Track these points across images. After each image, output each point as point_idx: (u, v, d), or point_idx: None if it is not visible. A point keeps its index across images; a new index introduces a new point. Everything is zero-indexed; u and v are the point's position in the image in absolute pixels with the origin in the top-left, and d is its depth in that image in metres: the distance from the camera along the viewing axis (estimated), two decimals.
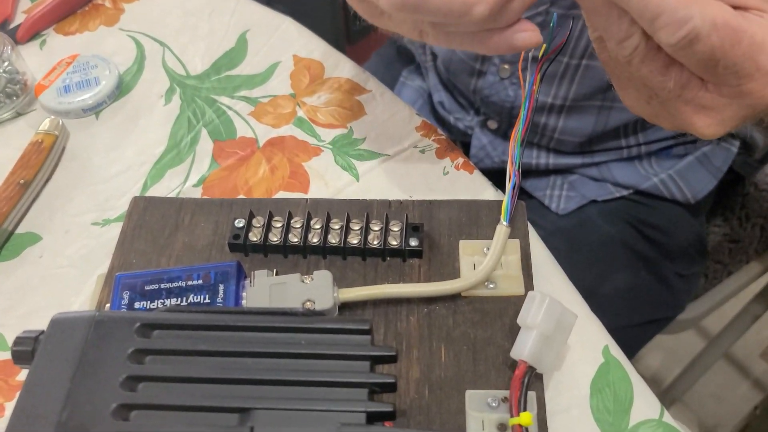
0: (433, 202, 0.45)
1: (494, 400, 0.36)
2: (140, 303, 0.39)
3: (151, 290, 0.39)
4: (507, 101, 0.63)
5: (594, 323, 0.41)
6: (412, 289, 0.40)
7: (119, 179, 0.50)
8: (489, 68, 0.61)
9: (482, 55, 0.60)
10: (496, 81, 0.61)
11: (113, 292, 0.39)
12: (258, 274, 0.40)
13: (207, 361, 0.31)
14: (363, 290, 0.40)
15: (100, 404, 0.28)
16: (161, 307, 0.39)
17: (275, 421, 0.29)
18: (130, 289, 0.39)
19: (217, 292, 0.39)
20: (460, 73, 0.66)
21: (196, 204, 0.46)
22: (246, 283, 0.40)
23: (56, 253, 0.46)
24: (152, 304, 0.39)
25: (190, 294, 0.39)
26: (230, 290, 0.39)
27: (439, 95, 0.71)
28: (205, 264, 0.41)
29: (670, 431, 0.37)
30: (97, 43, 0.60)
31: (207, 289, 0.39)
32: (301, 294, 0.38)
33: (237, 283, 0.39)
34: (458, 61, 0.65)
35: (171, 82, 0.56)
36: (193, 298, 0.39)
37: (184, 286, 0.39)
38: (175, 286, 0.39)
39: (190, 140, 0.52)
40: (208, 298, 0.39)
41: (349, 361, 0.31)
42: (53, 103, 0.54)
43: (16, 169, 0.49)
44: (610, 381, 0.38)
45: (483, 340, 0.39)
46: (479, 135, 0.68)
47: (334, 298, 0.38)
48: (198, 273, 0.40)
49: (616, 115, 0.60)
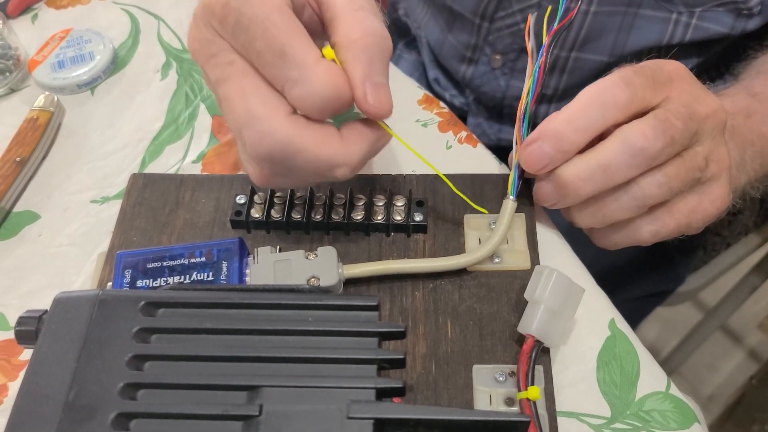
0: (437, 176, 0.44)
1: (501, 375, 0.36)
2: (142, 281, 0.38)
3: (153, 268, 0.39)
4: (498, 91, 0.62)
5: (600, 296, 0.41)
6: (418, 265, 0.39)
7: (117, 156, 0.49)
8: (480, 57, 0.60)
9: (474, 43, 0.59)
10: (488, 71, 0.60)
11: (115, 271, 0.39)
12: (261, 251, 0.39)
13: (214, 339, 0.30)
14: (368, 266, 0.39)
15: (106, 383, 0.28)
16: (164, 285, 0.38)
17: (284, 399, 0.28)
18: (132, 267, 0.39)
19: (220, 269, 0.39)
20: (451, 59, 0.65)
21: (197, 180, 0.45)
22: (249, 260, 0.39)
23: (55, 231, 0.45)
24: (155, 282, 0.38)
25: (192, 272, 0.39)
26: (233, 267, 0.39)
27: (434, 72, 0.70)
28: (208, 241, 0.40)
29: (676, 403, 0.37)
30: (90, 16, 0.58)
31: (210, 267, 0.39)
32: (305, 271, 0.38)
33: (240, 260, 0.39)
34: (449, 47, 0.64)
35: (167, 56, 0.55)
36: (196, 276, 0.39)
37: (186, 264, 0.39)
38: (178, 264, 0.39)
39: (188, 116, 0.51)
40: (211, 275, 0.38)
41: (357, 338, 0.30)
42: (47, 79, 0.52)
43: (12, 147, 0.48)
44: (617, 354, 0.38)
45: (489, 315, 0.38)
46: (475, 113, 0.67)
47: (339, 274, 0.38)
48: (200, 250, 0.39)
49: None
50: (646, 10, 0.52)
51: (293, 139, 0.33)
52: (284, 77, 0.32)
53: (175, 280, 0.38)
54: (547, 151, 0.37)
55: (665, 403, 0.37)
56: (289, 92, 0.32)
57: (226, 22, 0.32)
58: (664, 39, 0.53)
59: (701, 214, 0.40)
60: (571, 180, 0.37)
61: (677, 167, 0.37)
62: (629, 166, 0.36)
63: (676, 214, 0.39)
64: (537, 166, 0.38)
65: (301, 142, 0.33)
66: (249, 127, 0.33)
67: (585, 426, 0.36)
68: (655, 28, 0.53)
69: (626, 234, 0.40)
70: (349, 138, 0.34)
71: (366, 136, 0.34)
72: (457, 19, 0.61)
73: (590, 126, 0.36)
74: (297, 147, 0.33)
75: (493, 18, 0.57)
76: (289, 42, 0.32)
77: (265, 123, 0.32)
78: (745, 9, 0.50)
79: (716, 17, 0.51)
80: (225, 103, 0.34)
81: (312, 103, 0.32)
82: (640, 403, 0.37)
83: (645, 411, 0.36)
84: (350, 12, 0.33)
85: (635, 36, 0.54)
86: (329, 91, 0.32)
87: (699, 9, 0.51)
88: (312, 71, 0.32)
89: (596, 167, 0.36)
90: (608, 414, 0.36)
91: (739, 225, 0.80)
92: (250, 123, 0.32)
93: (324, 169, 0.34)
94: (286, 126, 0.32)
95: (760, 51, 0.52)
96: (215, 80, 0.34)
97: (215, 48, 0.33)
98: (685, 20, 0.52)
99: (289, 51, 0.32)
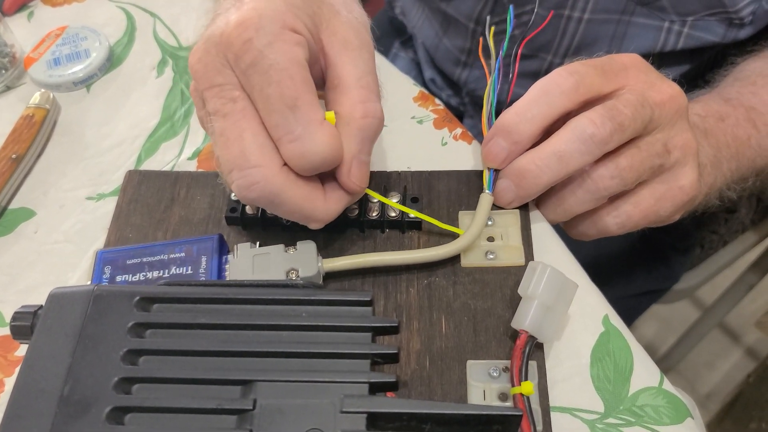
0: (432, 173, 0.44)
1: (495, 370, 0.36)
2: (122, 277, 0.39)
3: (132, 264, 0.39)
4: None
5: (594, 292, 0.41)
6: (395, 257, 0.39)
7: (113, 153, 0.49)
8: (475, 62, 0.61)
9: (468, 47, 0.60)
10: (482, 75, 0.60)
11: (95, 268, 0.39)
12: (241, 247, 0.39)
13: (208, 334, 0.30)
14: (347, 259, 0.39)
15: (101, 378, 0.28)
16: (142, 279, 0.38)
17: (278, 393, 0.28)
18: (111, 263, 0.39)
19: (199, 263, 0.39)
20: (446, 62, 0.65)
21: (192, 177, 0.45)
22: (229, 257, 0.39)
23: (51, 228, 0.45)
24: (134, 278, 0.38)
25: (172, 266, 0.39)
26: (213, 263, 0.39)
27: (431, 72, 0.71)
28: (188, 238, 0.40)
29: (669, 398, 0.37)
30: (86, 14, 0.59)
31: (189, 262, 0.39)
32: (284, 264, 0.38)
33: (219, 256, 0.39)
34: (444, 50, 0.64)
35: (163, 53, 0.55)
36: (175, 270, 0.39)
37: (165, 260, 0.39)
38: (157, 260, 0.39)
39: (184, 113, 0.51)
40: (190, 269, 0.39)
41: (351, 333, 0.31)
42: (43, 76, 0.53)
43: (8, 144, 0.48)
44: (611, 350, 0.38)
45: (483, 311, 0.39)
46: (471, 114, 0.67)
47: (319, 267, 0.38)
48: (180, 247, 0.39)
49: None
50: (639, 18, 0.53)
51: (282, 192, 0.33)
52: (287, 129, 0.32)
53: (154, 275, 0.38)
54: (502, 144, 0.39)
55: (658, 399, 0.37)
56: (286, 145, 0.33)
57: (241, 59, 0.32)
58: (657, 47, 0.53)
59: (671, 202, 0.40)
60: (527, 168, 0.39)
61: (630, 158, 0.38)
62: (581, 152, 0.37)
63: (642, 204, 0.40)
64: (497, 160, 0.39)
65: (288, 196, 0.33)
66: (241, 171, 0.33)
67: (578, 421, 0.36)
68: (647, 36, 0.53)
69: (592, 225, 0.42)
70: (331, 198, 0.35)
71: (345, 199, 0.36)
72: (452, 24, 0.61)
73: (538, 114, 0.38)
74: (283, 199, 0.33)
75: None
76: (302, 97, 0.32)
77: (258, 171, 0.33)
78: (737, 19, 0.50)
79: (708, 26, 0.51)
80: (220, 138, 0.34)
81: (307, 161, 0.33)
82: (634, 398, 0.37)
83: (638, 406, 0.37)
84: (356, 88, 0.34)
85: (628, 43, 0.54)
86: (327, 154, 0.33)
87: (691, 18, 0.51)
88: (316, 131, 0.32)
89: (550, 154, 0.38)
90: (601, 409, 0.36)
91: (736, 222, 0.80)
92: (243, 167, 0.33)
93: (302, 219, 0.35)
94: (278, 178, 0.33)
95: (739, 57, 0.52)
96: (213, 111, 0.34)
97: (221, 79, 0.33)
98: (678, 29, 0.52)
99: (300, 105, 0.32)
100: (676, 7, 0.51)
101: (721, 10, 0.50)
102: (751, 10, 0.49)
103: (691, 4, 0.50)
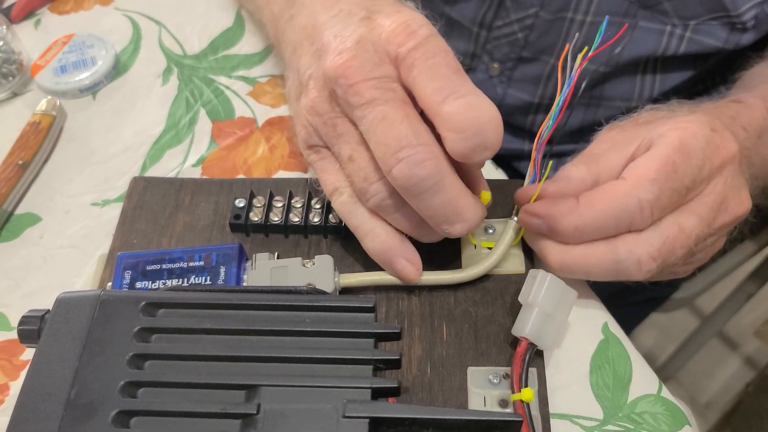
0: None
1: (496, 377, 0.37)
2: (142, 283, 0.39)
3: (152, 270, 0.39)
4: (495, 99, 0.62)
5: (593, 300, 0.41)
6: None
7: (118, 160, 0.50)
8: (478, 65, 0.61)
9: (472, 51, 0.60)
10: (485, 79, 0.61)
11: (115, 272, 0.39)
12: (259, 257, 0.40)
13: (213, 339, 0.31)
14: (364, 276, 0.40)
15: (108, 382, 0.29)
16: (162, 287, 0.39)
17: (281, 398, 0.29)
18: (132, 268, 0.39)
19: (218, 274, 0.39)
20: None
21: (196, 184, 0.46)
22: (247, 266, 0.40)
23: (57, 233, 0.46)
24: (153, 285, 0.39)
25: (191, 275, 0.39)
26: (231, 272, 0.39)
27: None
28: (207, 245, 0.41)
29: (667, 406, 0.37)
30: (93, 22, 0.59)
31: (208, 271, 0.39)
32: (301, 278, 0.38)
33: (238, 265, 0.39)
34: None
35: (168, 61, 0.56)
36: (194, 280, 0.39)
37: (185, 267, 0.39)
38: (177, 267, 0.39)
39: (189, 120, 0.52)
40: (209, 279, 0.39)
41: (353, 339, 0.31)
42: (50, 84, 0.53)
43: (14, 150, 0.48)
44: (610, 357, 0.39)
45: (484, 318, 0.39)
46: None
47: (335, 282, 0.39)
48: (200, 254, 0.40)
49: (604, 111, 0.60)
50: (641, 22, 0.53)
51: (447, 176, 0.34)
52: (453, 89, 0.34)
53: (174, 283, 0.39)
54: (543, 230, 0.38)
55: (656, 406, 0.37)
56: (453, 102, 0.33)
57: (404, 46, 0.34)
58: (659, 50, 0.54)
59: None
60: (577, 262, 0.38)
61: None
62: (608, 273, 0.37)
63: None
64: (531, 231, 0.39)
65: (450, 181, 0.34)
66: (412, 148, 0.33)
67: (577, 427, 0.36)
68: (649, 39, 0.54)
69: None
70: (478, 201, 0.36)
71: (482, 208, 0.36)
72: (455, 27, 0.61)
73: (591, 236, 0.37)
74: (445, 184, 0.34)
75: (491, 26, 0.57)
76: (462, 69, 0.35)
77: (428, 150, 0.33)
78: (739, 23, 0.51)
79: (710, 30, 0.52)
80: (381, 123, 0.34)
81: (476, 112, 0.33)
82: (632, 405, 0.37)
83: (636, 413, 0.37)
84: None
85: (630, 46, 0.54)
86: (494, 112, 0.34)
87: (693, 22, 0.52)
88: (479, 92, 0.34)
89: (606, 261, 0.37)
90: (600, 416, 0.37)
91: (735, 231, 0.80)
92: (414, 144, 0.33)
93: (451, 216, 0.35)
94: (444, 160, 0.34)
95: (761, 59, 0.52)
96: (370, 100, 0.34)
97: (380, 72, 0.34)
98: (680, 32, 0.53)
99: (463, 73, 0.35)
100: (678, 10, 0.51)
101: (723, 14, 0.50)
102: (753, 14, 0.50)
103: (693, 8, 0.51)
